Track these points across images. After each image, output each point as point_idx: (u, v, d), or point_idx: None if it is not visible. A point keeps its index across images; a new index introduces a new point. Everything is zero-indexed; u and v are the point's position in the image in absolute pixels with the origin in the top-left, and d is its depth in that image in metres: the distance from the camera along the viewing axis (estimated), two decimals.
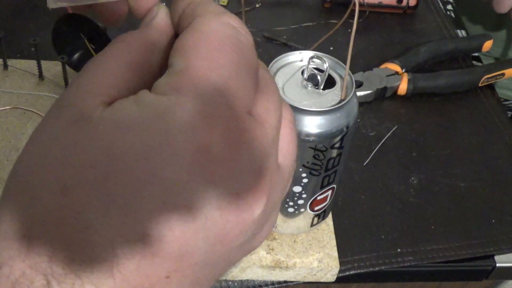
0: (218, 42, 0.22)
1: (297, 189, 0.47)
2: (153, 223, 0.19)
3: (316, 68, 0.43)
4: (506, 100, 1.00)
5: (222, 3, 0.82)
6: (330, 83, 0.44)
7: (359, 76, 0.71)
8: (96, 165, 0.19)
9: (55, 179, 0.20)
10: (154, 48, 0.25)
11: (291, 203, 0.49)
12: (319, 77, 0.43)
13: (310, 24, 0.82)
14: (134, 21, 0.29)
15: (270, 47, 0.77)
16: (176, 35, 0.25)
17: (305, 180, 0.46)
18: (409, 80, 0.72)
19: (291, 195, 0.48)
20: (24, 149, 0.21)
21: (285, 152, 0.24)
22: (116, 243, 0.19)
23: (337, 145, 0.44)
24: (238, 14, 0.32)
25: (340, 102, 0.42)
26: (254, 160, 0.21)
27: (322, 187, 0.48)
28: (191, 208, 0.20)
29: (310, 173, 0.46)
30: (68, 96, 0.22)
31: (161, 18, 0.25)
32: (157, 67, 0.25)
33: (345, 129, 0.43)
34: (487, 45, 0.80)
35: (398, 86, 0.72)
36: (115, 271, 0.19)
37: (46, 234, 0.19)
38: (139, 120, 0.20)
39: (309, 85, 0.43)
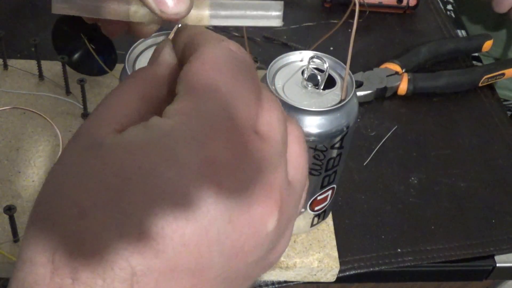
0: (218, 65, 0.24)
1: None
2: (167, 239, 0.20)
3: (316, 68, 0.43)
4: (506, 100, 1.00)
5: None
6: (330, 83, 0.44)
7: (359, 76, 0.71)
8: (109, 187, 0.20)
9: (72, 203, 0.20)
10: (163, 80, 0.26)
11: None
12: (319, 77, 0.43)
13: (310, 24, 0.82)
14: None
15: (270, 47, 0.77)
16: (181, 64, 0.27)
17: None
18: (409, 80, 0.72)
19: None
20: (47, 177, 0.23)
21: (295, 166, 0.25)
22: (133, 261, 0.19)
23: (337, 145, 0.44)
24: None
25: (340, 102, 0.42)
26: (261, 172, 0.22)
27: (322, 187, 0.48)
28: (202, 222, 0.20)
29: (310, 173, 0.46)
30: (84, 126, 0.24)
31: (167, 53, 0.27)
32: (165, 97, 0.26)
33: (345, 129, 0.43)
34: (487, 45, 0.80)
35: (398, 86, 0.72)
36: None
37: (68, 257, 0.20)
38: (146, 141, 0.21)
39: (309, 85, 0.43)
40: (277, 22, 0.30)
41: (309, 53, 0.45)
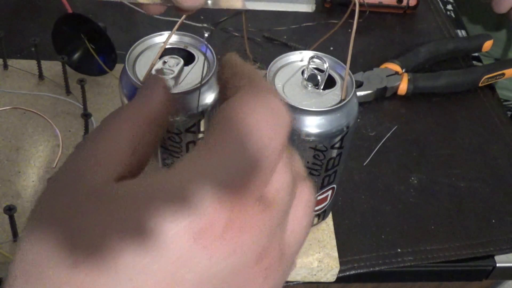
0: (249, 132, 0.23)
1: None
2: (167, 282, 0.21)
3: (316, 68, 0.43)
4: (506, 100, 1.00)
5: None
6: (330, 83, 0.44)
7: (359, 76, 0.71)
8: (110, 237, 0.21)
9: (66, 253, 0.21)
10: (153, 122, 0.26)
11: None
12: (319, 77, 0.43)
13: (310, 24, 0.82)
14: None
15: (270, 47, 0.77)
16: (223, 87, 0.26)
17: None
18: (409, 80, 0.72)
19: None
20: (34, 218, 0.22)
21: (293, 231, 0.25)
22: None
23: (337, 145, 0.44)
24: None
25: (340, 102, 0.42)
26: (256, 242, 0.22)
27: (322, 187, 0.48)
28: (194, 283, 0.21)
29: (310, 173, 0.46)
30: (76, 169, 0.23)
31: (161, 91, 0.27)
32: (155, 138, 0.26)
33: (345, 129, 0.43)
34: (487, 45, 0.80)
35: (398, 86, 0.72)
36: None
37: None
38: (151, 197, 0.21)
39: (309, 85, 0.43)
40: (307, 7, 0.30)
41: (309, 53, 0.45)
